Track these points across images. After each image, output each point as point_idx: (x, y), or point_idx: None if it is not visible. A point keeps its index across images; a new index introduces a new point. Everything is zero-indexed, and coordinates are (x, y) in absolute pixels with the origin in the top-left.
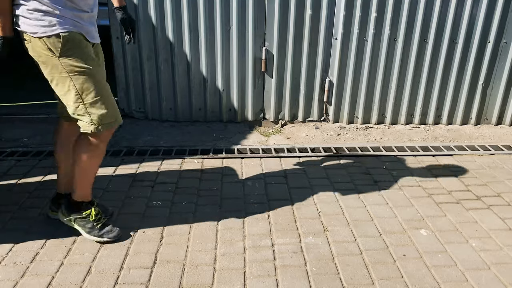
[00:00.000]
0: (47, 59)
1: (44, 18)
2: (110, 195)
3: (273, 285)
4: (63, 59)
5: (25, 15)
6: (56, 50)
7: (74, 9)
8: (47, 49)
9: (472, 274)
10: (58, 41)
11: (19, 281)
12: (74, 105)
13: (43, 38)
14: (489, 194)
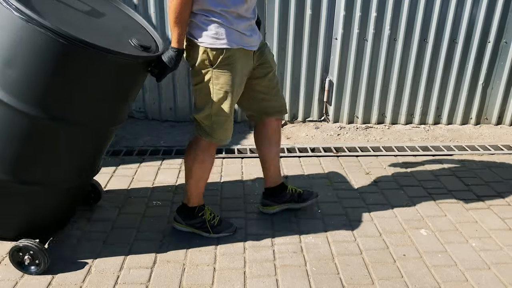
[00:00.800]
0: (203, 66)
1: (216, 29)
2: (110, 195)
3: (273, 285)
4: (216, 72)
5: (199, 23)
6: (213, 62)
7: (243, 20)
8: (206, 59)
9: (472, 274)
10: (220, 55)
11: (19, 281)
12: (205, 113)
13: (208, 48)
14: (489, 194)
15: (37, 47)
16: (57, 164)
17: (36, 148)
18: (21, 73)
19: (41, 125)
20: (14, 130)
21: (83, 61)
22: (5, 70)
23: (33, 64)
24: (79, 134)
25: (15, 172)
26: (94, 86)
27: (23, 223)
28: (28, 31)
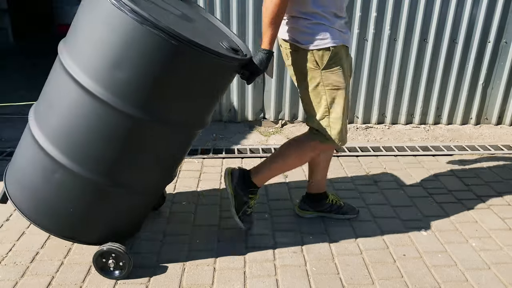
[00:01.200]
0: (310, 70)
1: (319, 31)
2: None
3: (273, 285)
4: (325, 72)
5: (302, 27)
6: (321, 63)
7: (339, 19)
8: (313, 61)
9: (472, 274)
10: (327, 55)
11: (19, 281)
12: (320, 116)
13: (313, 51)
14: (489, 194)
15: (149, 49)
16: (150, 167)
17: (135, 150)
18: (129, 75)
19: (142, 127)
20: (115, 132)
21: (191, 63)
22: (114, 72)
23: (142, 65)
24: (175, 137)
25: (111, 174)
26: (196, 88)
27: (108, 227)
28: (141, 33)
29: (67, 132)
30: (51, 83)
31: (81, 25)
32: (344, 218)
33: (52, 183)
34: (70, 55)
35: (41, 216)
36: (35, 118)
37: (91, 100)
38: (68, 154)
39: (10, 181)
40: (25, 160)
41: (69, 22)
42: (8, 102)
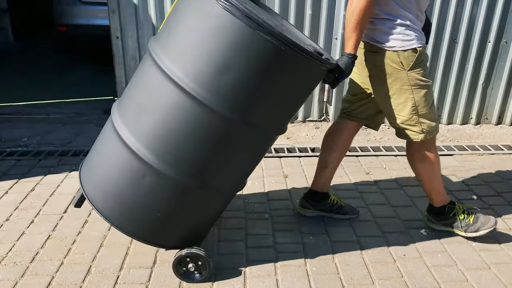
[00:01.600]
0: (393, 71)
1: (406, 32)
2: None
3: (273, 285)
4: (410, 73)
5: (386, 28)
6: (407, 64)
7: (420, 20)
8: (398, 63)
9: (472, 274)
10: (413, 55)
11: (19, 281)
12: (407, 116)
13: (398, 52)
14: (489, 193)
15: (258, 54)
16: (236, 170)
17: (225, 153)
18: (234, 80)
19: (237, 130)
20: (211, 134)
21: (295, 69)
22: (219, 76)
23: (247, 70)
24: (262, 141)
25: (200, 177)
26: (291, 93)
27: (190, 230)
28: (253, 38)
29: (162, 134)
30: (144, 84)
31: (184, 28)
32: (344, 218)
33: (141, 186)
34: (169, 58)
35: (124, 219)
36: (121, 120)
37: (191, 103)
38: (161, 156)
39: (90, 183)
40: (109, 163)
41: (69, 22)
42: (8, 102)
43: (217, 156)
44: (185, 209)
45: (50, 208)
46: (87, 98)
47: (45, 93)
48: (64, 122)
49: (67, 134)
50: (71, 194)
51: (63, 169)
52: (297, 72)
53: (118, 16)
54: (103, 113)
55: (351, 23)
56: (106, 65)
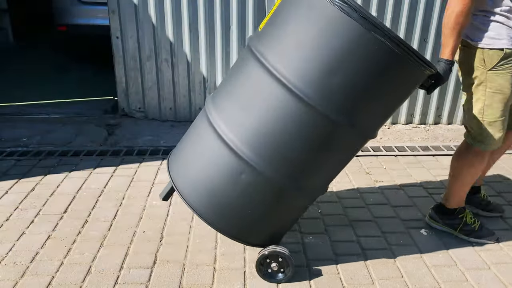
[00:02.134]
0: (475, 68)
1: (497, 30)
2: (110, 195)
3: (273, 285)
4: (491, 74)
5: (479, 24)
6: (489, 63)
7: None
8: (481, 60)
9: (472, 274)
10: (498, 56)
11: (19, 281)
12: (476, 118)
13: (483, 49)
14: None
15: (370, 56)
16: (330, 172)
17: (324, 154)
18: (343, 81)
19: (339, 132)
20: (313, 135)
21: (404, 72)
22: (328, 77)
23: (357, 72)
24: (359, 143)
25: (298, 177)
26: (394, 97)
27: (276, 229)
28: (367, 39)
29: (263, 133)
30: (245, 82)
31: (292, 27)
32: (489, 215)
33: (237, 184)
34: (274, 57)
35: (216, 215)
36: (219, 117)
37: (296, 103)
38: (261, 155)
39: (181, 177)
40: (205, 159)
41: (69, 22)
42: (8, 102)
43: (316, 158)
44: (278, 209)
45: (50, 208)
46: (87, 98)
47: (45, 93)
48: (64, 122)
49: (67, 134)
50: (71, 194)
51: (63, 169)
52: (404, 75)
53: (118, 16)
54: (103, 113)
55: (447, 28)
56: (106, 65)
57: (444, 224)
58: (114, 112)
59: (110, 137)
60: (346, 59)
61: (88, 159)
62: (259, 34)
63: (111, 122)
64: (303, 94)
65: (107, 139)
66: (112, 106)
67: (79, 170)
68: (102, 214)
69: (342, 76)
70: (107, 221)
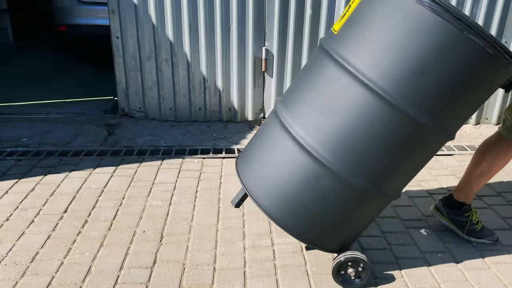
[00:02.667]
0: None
1: None
2: (110, 195)
3: (273, 285)
4: None
5: None
6: None
7: None
8: None
9: (472, 274)
10: None
11: (19, 280)
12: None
13: None
14: (490, 193)
15: (462, 56)
16: (409, 176)
17: (406, 157)
18: (432, 83)
19: (425, 135)
20: (397, 138)
21: (494, 71)
22: (416, 79)
23: (447, 73)
24: (440, 145)
25: (379, 181)
26: (480, 98)
27: (353, 233)
28: (459, 40)
29: (345, 137)
30: (322, 84)
31: (374, 28)
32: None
33: (316, 189)
34: (356, 58)
35: (292, 220)
36: (294, 121)
37: (381, 105)
38: (341, 159)
39: (253, 181)
40: (280, 163)
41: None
42: (8, 102)
43: (399, 161)
44: (356, 214)
45: (50, 208)
46: (87, 98)
47: (45, 93)
48: (64, 122)
49: (67, 134)
50: (71, 194)
51: (63, 169)
52: (494, 74)
53: (118, 16)
54: (103, 113)
55: None
56: (106, 65)
57: (449, 220)
58: (114, 112)
59: (110, 137)
60: (435, 59)
61: (88, 159)
62: (337, 36)
63: (111, 122)
64: (389, 95)
65: (107, 139)
66: (112, 106)
67: (79, 170)
68: (102, 214)
69: (430, 77)
70: (107, 221)
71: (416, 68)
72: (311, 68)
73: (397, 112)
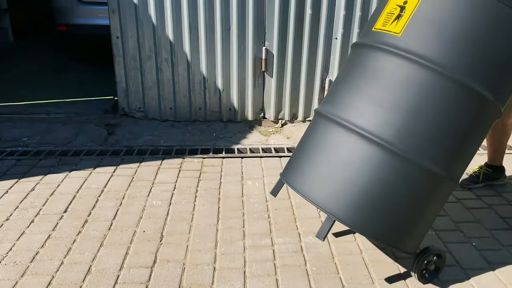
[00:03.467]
0: None
1: None
2: (110, 195)
3: (273, 285)
4: None
5: None
6: None
7: None
8: None
9: (472, 273)
10: None
11: (19, 280)
12: None
13: None
14: (490, 193)
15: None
16: (471, 157)
17: (473, 137)
18: (501, 65)
19: (485, 109)
20: (467, 117)
21: None
22: (493, 67)
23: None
24: (493, 121)
25: (451, 166)
26: None
27: (425, 230)
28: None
29: (413, 125)
30: (388, 80)
31: (455, 21)
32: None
33: (389, 182)
34: (441, 56)
35: (364, 220)
36: (357, 120)
37: (454, 89)
38: (415, 145)
39: (318, 190)
40: (345, 163)
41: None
42: (8, 102)
43: (468, 141)
44: (432, 206)
45: (50, 207)
46: (87, 98)
47: (45, 93)
48: (64, 122)
49: (67, 134)
50: (71, 193)
51: (63, 169)
52: None
53: (118, 16)
54: (103, 113)
55: None
56: (106, 65)
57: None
58: (114, 112)
59: (110, 136)
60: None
61: (88, 158)
62: (407, 35)
63: (111, 122)
64: (452, 72)
65: (107, 138)
66: (112, 106)
67: (79, 170)
68: (102, 214)
69: (501, 60)
70: (107, 220)
71: (492, 55)
72: (362, 64)
73: (461, 88)
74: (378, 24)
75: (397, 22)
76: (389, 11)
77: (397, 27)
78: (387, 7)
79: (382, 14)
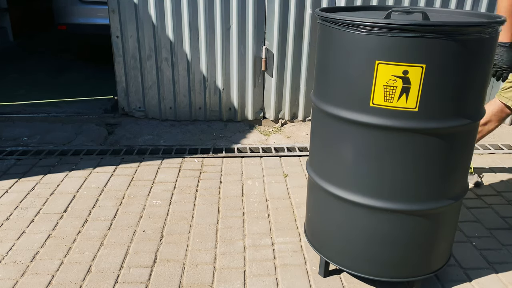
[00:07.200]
0: None
1: None
2: (110, 194)
3: (273, 284)
4: None
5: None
6: None
7: None
8: None
9: (472, 273)
10: None
11: (19, 280)
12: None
13: None
14: (490, 193)
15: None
16: (464, 171)
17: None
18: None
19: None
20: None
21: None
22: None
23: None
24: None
25: (441, 195)
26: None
27: (448, 244)
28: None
29: (392, 179)
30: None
31: None
32: None
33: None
34: None
35: (377, 270)
36: (354, 194)
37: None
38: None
39: (336, 253)
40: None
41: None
42: (9, 101)
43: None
44: (443, 230)
45: (50, 207)
46: (87, 97)
47: (45, 92)
48: (64, 122)
49: (67, 134)
50: (71, 193)
51: (63, 168)
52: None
53: (118, 15)
54: (103, 112)
55: (508, 8)
56: (106, 65)
57: None
58: (114, 112)
59: (110, 136)
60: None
61: (88, 158)
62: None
63: (111, 122)
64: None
65: (107, 138)
66: (112, 106)
67: (79, 170)
68: (102, 213)
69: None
70: (107, 220)
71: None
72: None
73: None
74: (378, 100)
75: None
76: (386, 84)
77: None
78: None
79: (375, 87)
